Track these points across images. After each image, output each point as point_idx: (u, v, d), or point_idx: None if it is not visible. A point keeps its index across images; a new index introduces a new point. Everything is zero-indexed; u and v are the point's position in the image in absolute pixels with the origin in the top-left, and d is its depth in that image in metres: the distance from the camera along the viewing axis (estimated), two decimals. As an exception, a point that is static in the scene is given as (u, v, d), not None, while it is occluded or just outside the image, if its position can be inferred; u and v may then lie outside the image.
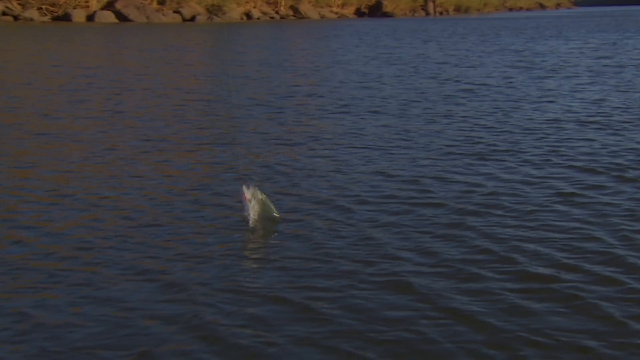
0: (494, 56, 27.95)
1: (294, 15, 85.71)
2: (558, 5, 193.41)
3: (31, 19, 58.03)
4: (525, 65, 23.62)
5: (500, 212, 7.28)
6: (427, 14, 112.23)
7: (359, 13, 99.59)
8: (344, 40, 40.76)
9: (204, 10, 73.19)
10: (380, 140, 11.22)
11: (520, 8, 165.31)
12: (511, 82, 18.85)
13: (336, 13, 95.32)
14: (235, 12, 76.29)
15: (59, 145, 10.91)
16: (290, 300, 5.17)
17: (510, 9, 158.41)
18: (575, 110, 13.86)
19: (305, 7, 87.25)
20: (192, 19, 70.18)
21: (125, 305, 5.12)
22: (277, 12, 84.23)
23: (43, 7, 60.52)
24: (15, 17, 57.47)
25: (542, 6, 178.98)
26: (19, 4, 59.16)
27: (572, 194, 7.91)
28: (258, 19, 79.58)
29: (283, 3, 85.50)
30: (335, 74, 21.89)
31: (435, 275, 5.63)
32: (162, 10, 68.90)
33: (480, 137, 11.32)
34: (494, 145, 10.69)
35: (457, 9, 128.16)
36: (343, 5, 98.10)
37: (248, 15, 79.25)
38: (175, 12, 70.39)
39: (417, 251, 6.19)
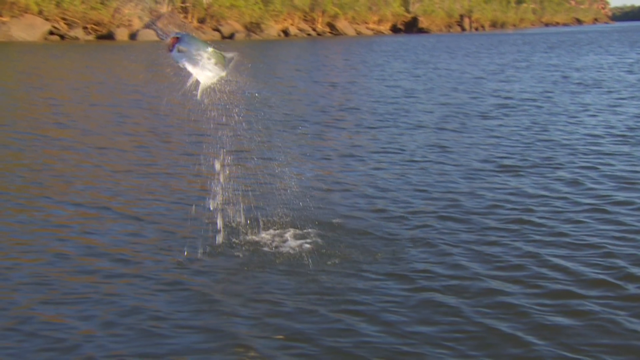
0: (532, 71, 27.80)
1: (330, 32, 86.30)
2: (595, 20, 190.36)
3: (77, 38, 59.80)
4: (563, 80, 23.47)
5: (536, 227, 7.38)
6: (463, 29, 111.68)
7: (394, 29, 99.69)
8: (380, 55, 40.97)
9: (242, 28, 74.43)
10: (417, 155, 11.37)
11: (557, 23, 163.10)
12: (549, 97, 18.79)
13: (372, 29, 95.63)
14: (272, 30, 77.33)
15: (103, 160, 11.32)
16: (321, 312, 5.29)
17: (547, 24, 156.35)
18: (614, 125, 13.80)
19: (341, 24, 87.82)
20: (231, 36, 71.32)
21: (159, 316, 5.28)
22: (314, 29, 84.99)
23: (88, 26, 62.32)
24: (62, 36, 59.31)
25: (578, 21, 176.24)
26: (65, 24, 61.07)
27: (610, 210, 7.95)
28: (295, 35, 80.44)
29: (320, 20, 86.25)
30: (372, 88, 22.10)
31: (466, 290, 5.71)
32: (202, 28, 70.27)
33: (519, 152, 11.38)
34: (533, 159, 10.74)
35: (493, 25, 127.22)
36: (379, 22, 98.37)
37: (285, 33, 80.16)
38: (214, 29, 71.66)
39: (449, 266, 6.30)
